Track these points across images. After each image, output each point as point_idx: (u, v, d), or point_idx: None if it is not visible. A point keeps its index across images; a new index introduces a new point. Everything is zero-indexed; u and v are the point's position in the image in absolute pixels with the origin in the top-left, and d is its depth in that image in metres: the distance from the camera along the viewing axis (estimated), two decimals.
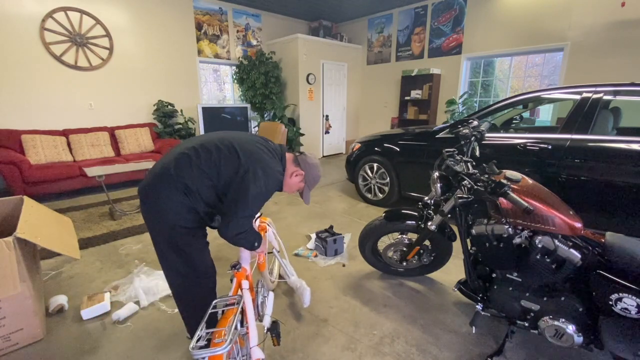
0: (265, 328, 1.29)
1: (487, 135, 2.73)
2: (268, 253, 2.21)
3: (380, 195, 3.66)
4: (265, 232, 1.97)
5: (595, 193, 2.25)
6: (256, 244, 1.29)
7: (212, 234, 2.88)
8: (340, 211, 3.57)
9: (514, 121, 3.29)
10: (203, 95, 6.00)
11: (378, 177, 3.65)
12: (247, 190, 1.18)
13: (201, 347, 0.89)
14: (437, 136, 3.06)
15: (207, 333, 0.98)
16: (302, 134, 6.18)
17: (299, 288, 1.90)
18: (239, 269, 1.29)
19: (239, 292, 1.22)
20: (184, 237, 1.24)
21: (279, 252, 2.00)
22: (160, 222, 1.22)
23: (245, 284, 1.24)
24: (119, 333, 1.70)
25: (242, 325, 1.15)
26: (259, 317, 1.39)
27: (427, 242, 2.01)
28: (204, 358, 0.87)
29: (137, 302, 1.92)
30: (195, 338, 0.92)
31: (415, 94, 5.96)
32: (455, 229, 1.78)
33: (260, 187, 1.20)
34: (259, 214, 1.83)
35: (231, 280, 1.34)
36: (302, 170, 1.42)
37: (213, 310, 1.10)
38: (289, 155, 1.43)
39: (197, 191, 1.19)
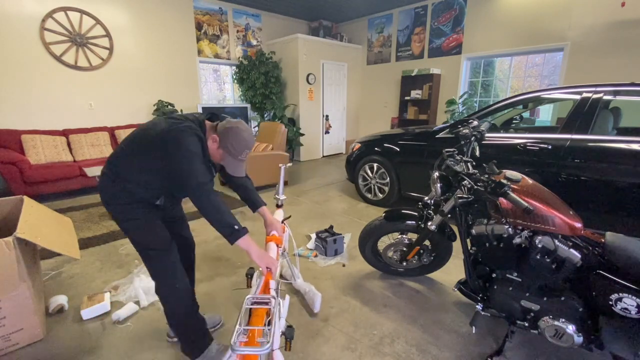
0: (281, 331, 1.28)
1: (487, 135, 2.73)
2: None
3: (380, 195, 3.66)
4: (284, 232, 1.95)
5: (595, 193, 2.25)
6: (233, 224, 1.22)
7: (212, 234, 2.89)
8: (340, 211, 3.57)
9: (514, 121, 3.29)
10: (203, 95, 6.00)
11: (378, 177, 3.65)
12: (178, 150, 1.16)
13: (242, 344, 0.89)
14: (437, 136, 3.06)
15: (246, 330, 0.97)
16: (302, 134, 6.18)
17: (307, 292, 1.90)
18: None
19: (271, 293, 1.18)
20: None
21: (287, 253, 2.00)
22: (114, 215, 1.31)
23: (272, 284, 1.22)
24: (119, 333, 1.70)
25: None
26: None
27: (427, 242, 2.00)
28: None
29: (137, 302, 1.92)
30: (235, 333, 0.91)
31: (415, 94, 5.96)
32: (455, 229, 1.78)
33: (183, 143, 1.17)
34: (287, 216, 1.81)
35: (248, 277, 1.33)
36: (218, 135, 1.27)
37: (248, 307, 1.07)
38: (208, 123, 1.33)
39: (126, 177, 1.24)
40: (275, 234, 1.57)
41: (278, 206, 1.88)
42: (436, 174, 1.69)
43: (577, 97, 2.39)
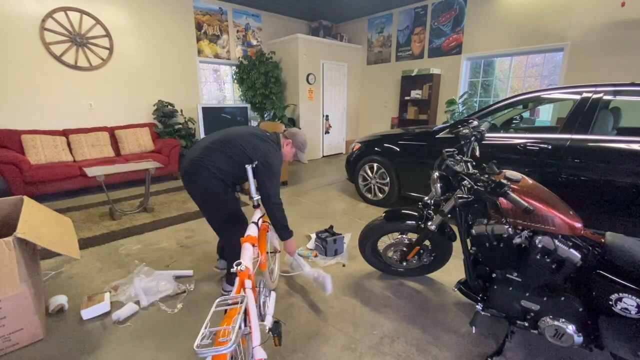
0: (267, 328, 1.29)
1: (487, 135, 2.73)
2: (271, 253, 2.21)
3: (380, 195, 3.66)
4: (267, 232, 1.97)
5: (595, 193, 2.26)
6: (288, 227, 1.89)
7: (212, 234, 2.89)
8: (340, 211, 3.57)
9: (514, 121, 3.29)
10: (203, 95, 6.00)
11: (378, 177, 3.65)
12: (270, 172, 1.79)
13: (205, 346, 0.89)
14: (437, 136, 3.06)
15: (211, 332, 0.97)
16: None
17: (317, 277, 1.94)
18: (242, 268, 1.30)
19: (242, 292, 1.21)
20: (216, 197, 1.82)
21: (279, 252, 2.02)
22: (197, 189, 1.81)
23: (248, 284, 1.24)
24: (119, 333, 1.70)
25: (245, 325, 1.15)
26: (261, 317, 1.39)
27: (427, 242, 2.01)
28: (207, 357, 0.87)
29: (137, 302, 1.92)
30: (200, 337, 0.91)
31: (415, 94, 5.96)
32: (455, 229, 1.78)
33: (274, 167, 1.80)
34: (261, 215, 1.84)
35: (233, 281, 1.35)
36: (289, 139, 1.97)
37: (216, 309, 1.10)
38: (281, 135, 1.99)
39: (219, 168, 1.76)
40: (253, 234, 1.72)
41: (255, 207, 1.88)
42: (436, 174, 1.69)
43: (577, 97, 2.39)
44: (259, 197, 1.87)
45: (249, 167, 1.79)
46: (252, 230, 1.63)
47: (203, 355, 0.85)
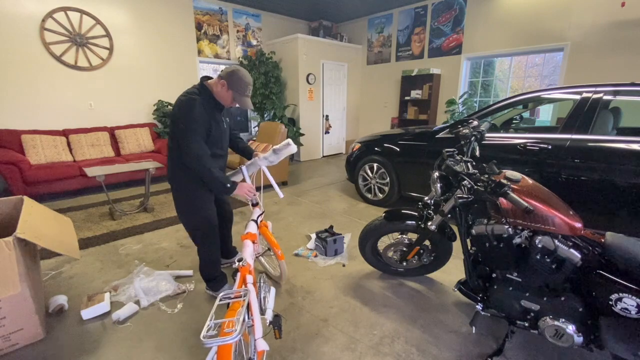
0: (268, 321, 1.32)
1: (487, 135, 2.73)
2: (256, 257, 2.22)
3: (380, 195, 3.66)
4: (267, 227, 1.97)
5: (595, 193, 2.25)
6: (219, 179, 1.58)
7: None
8: (340, 211, 3.57)
9: (514, 121, 3.29)
10: None
11: (378, 177, 3.65)
12: (173, 123, 1.57)
13: (211, 337, 0.91)
14: (437, 136, 3.06)
15: (216, 324, 0.99)
16: (302, 134, 6.18)
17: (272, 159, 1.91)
18: (243, 263, 1.32)
19: (244, 287, 1.25)
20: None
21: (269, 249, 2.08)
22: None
23: (249, 279, 1.27)
24: (119, 333, 1.70)
25: (247, 318, 1.17)
26: (262, 311, 1.40)
27: (427, 242, 2.01)
28: (213, 347, 0.89)
29: (137, 302, 1.92)
30: (206, 328, 0.94)
31: (415, 94, 5.96)
32: (455, 229, 1.78)
33: (175, 113, 1.57)
34: (260, 212, 1.84)
35: (234, 276, 1.37)
36: (223, 79, 1.60)
37: (220, 303, 1.12)
38: (211, 80, 1.70)
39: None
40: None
41: (253, 205, 1.88)
42: (436, 174, 1.69)
43: (577, 97, 2.39)
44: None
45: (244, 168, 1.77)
46: (251, 228, 1.64)
47: (210, 345, 0.88)
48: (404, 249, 2.03)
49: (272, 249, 1.92)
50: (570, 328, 1.31)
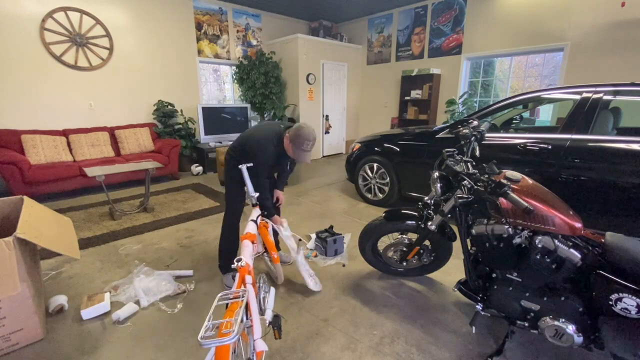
0: (267, 321, 1.32)
1: (487, 135, 2.73)
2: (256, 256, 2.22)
3: (380, 195, 3.66)
4: (267, 229, 1.97)
5: (595, 193, 2.25)
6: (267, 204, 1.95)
7: (212, 234, 2.89)
8: (340, 211, 3.57)
9: (514, 121, 3.29)
10: (203, 95, 6.00)
11: (378, 177, 3.65)
12: (253, 156, 1.89)
13: (209, 337, 0.91)
14: (437, 136, 3.06)
15: (214, 324, 0.99)
16: None
17: (308, 273, 2.08)
18: (242, 264, 1.32)
19: (243, 287, 1.24)
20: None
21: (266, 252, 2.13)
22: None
23: (248, 279, 1.27)
24: (119, 333, 1.70)
25: (246, 318, 1.17)
26: (261, 312, 1.40)
27: (427, 242, 2.01)
28: (211, 348, 0.88)
29: (137, 302, 1.92)
30: (203, 329, 0.94)
31: (415, 94, 5.96)
32: (455, 229, 1.78)
33: (250, 152, 1.89)
34: (260, 213, 1.85)
35: (233, 277, 1.37)
36: (289, 133, 1.87)
37: (219, 303, 1.12)
38: (290, 129, 1.94)
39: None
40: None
41: (253, 205, 1.91)
42: (436, 174, 1.69)
43: (577, 97, 2.38)
44: (257, 194, 1.91)
45: (243, 167, 1.87)
46: (251, 228, 1.64)
47: (207, 346, 0.87)
48: (404, 249, 2.03)
49: (269, 251, 1.92)
50: (570, 328, 1.31)
